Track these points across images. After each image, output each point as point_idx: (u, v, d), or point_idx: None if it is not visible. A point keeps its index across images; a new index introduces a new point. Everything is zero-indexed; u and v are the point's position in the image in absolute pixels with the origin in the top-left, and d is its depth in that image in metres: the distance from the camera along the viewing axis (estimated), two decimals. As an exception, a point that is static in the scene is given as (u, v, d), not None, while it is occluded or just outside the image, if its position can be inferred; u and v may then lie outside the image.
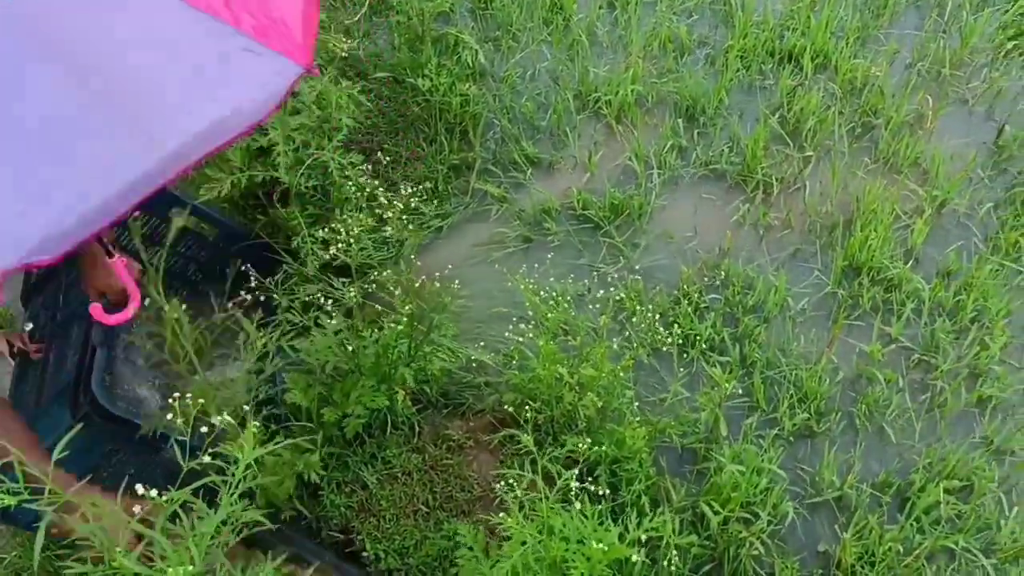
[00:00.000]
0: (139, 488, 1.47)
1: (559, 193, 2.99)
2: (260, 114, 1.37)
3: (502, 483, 1.92)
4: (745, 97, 3.31)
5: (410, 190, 2.24)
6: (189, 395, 1.90)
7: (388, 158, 3.05)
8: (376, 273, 2.55)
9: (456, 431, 2.39)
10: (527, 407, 2.26)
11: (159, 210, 2.55)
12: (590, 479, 2.09)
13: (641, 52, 3.38)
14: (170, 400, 1.90)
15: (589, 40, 3.44)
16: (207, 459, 1.42)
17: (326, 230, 2.49)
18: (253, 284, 2.36)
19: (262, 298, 2.38)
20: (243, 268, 2.37)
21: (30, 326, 2.53)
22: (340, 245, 2.17)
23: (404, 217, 2.19)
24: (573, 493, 1.76)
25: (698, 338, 2.58)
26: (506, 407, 2.33)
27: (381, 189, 2.27)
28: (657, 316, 2.46)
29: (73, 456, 1.99)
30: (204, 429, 1.86)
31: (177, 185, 2.75)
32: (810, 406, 2.47)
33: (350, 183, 2.46)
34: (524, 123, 3.21)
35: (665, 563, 2.00)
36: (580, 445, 1.98)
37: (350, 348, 2.15)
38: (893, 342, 2.63)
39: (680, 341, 2.48)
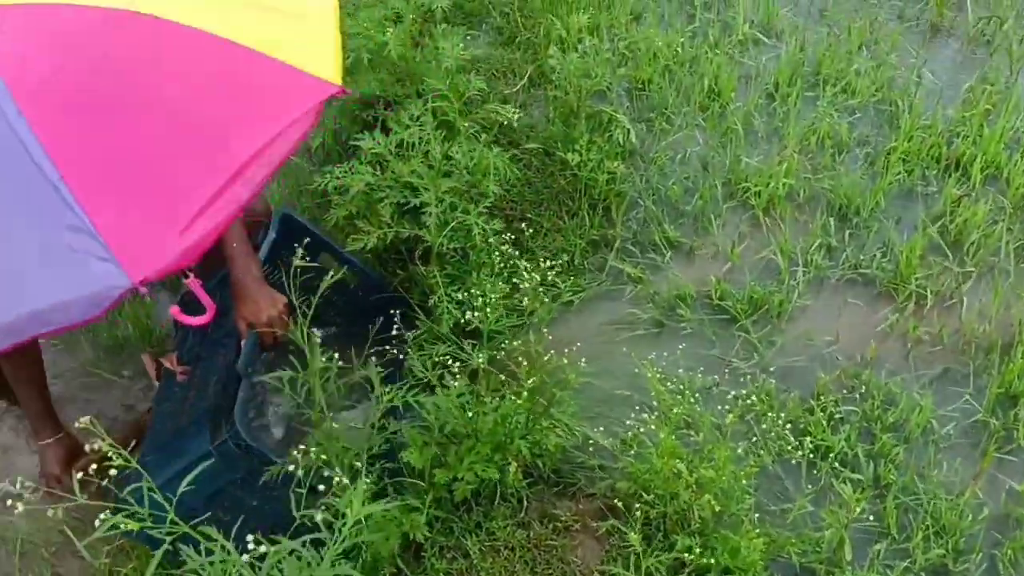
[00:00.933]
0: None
1: (696, 280, 2.93)
2: (75, 320, 1.36)
3: (606, 578, 1.86)
4: (904, 202, 3.17)
5: (548, 263, 2.25)
6: (315, 443, 1.95)
7: (529, 227, 3.09)
8: (505, 340, 2.57)
9: (564, 511, 2.34)
10: (640, 499, 2.20)
11: (311, 254, 2.67)
12: (698, 586, 2.00)
13: (797, 146, 3.31)
14: (297, 445, 1.97)
15: (744, 129, 3.40)
16: (319, 516, 1.43)
17: (464, 292, 2.53)
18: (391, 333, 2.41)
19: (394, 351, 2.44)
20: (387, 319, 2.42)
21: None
22: (476, 310, 2.19)
23: (540, 289, 2.20)
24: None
25: (829, 450, 2.44)
26: (618, 495, 2.27)
27: (524, 261, 2.28)
28: (788, 423, 2.35)
29: (202, 478, 2.07)
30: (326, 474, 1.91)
31: (326, 231, 2.88)
32: (948, 541, 2.28)
33: (493, 250, 2.50)
34: (668, 206, 3.18)
35: None
36: (692, 549, 1.90)
37: (469, 413, 2.15)
38: (1050, 484, 2.41)
39: (811, 454, 2.35)
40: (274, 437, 2.59)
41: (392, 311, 2.79)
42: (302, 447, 1.94)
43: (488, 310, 2.14)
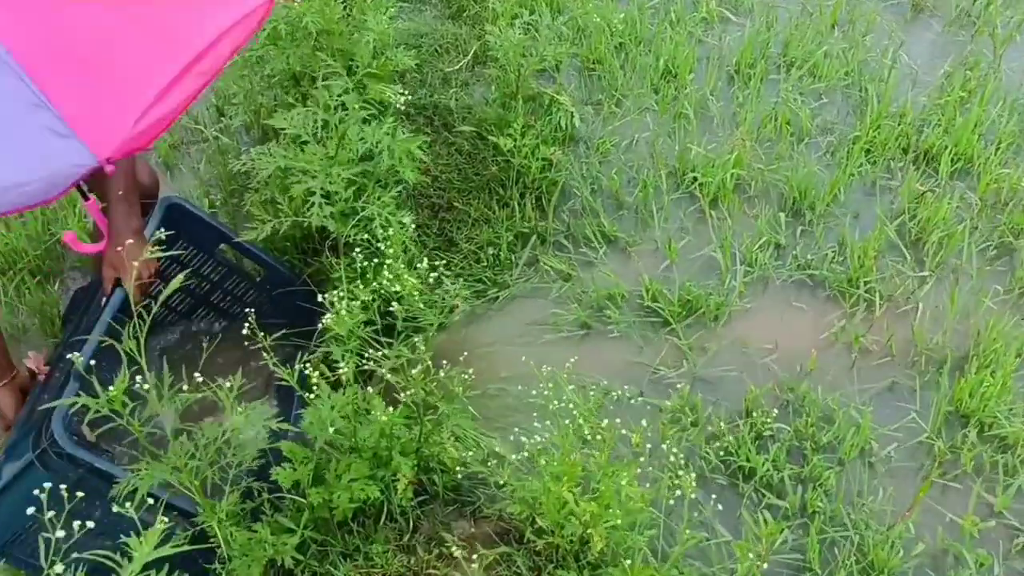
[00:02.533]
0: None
1: (630, 279, 2.70)
2: (35, 199, 1.40)
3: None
4: (864, 196, 2.92)
5: (426, 264, 2.02)
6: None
7: (455, 217, 2.87)
8: (420, 338, 2.36)
9: (457, 533, 2.13)
10: (533, 524, 1.99)
11: (206, 246, 2.46)
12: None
13: (752, 133, 3.06)
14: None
15: (697, 114, 3.15)
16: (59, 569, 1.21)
17: (361, 287, 2.32)
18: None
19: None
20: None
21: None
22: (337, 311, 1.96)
23: (417, 293, 1.98)
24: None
25: (754, 472, 2.22)
26: (512, 519, 2.06)
27: (395, 261, 2.06)
28: (711, 439, 2.13)
29: (26, 498, 1.85)
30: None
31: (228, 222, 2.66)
32: (874, 580, 2.05)
33: (388, 243, 2.28)
34: (608, 197, 2.95)
35: None
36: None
37: (331, 428, 1.93)
38: (995, 516, 2.17)
39: (732, 475, 2.13)
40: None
41: (303, 303, 2.59)
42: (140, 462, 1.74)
43: (345, 311, 1.91)
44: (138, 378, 1.70)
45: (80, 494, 1.86)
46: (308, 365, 1.90)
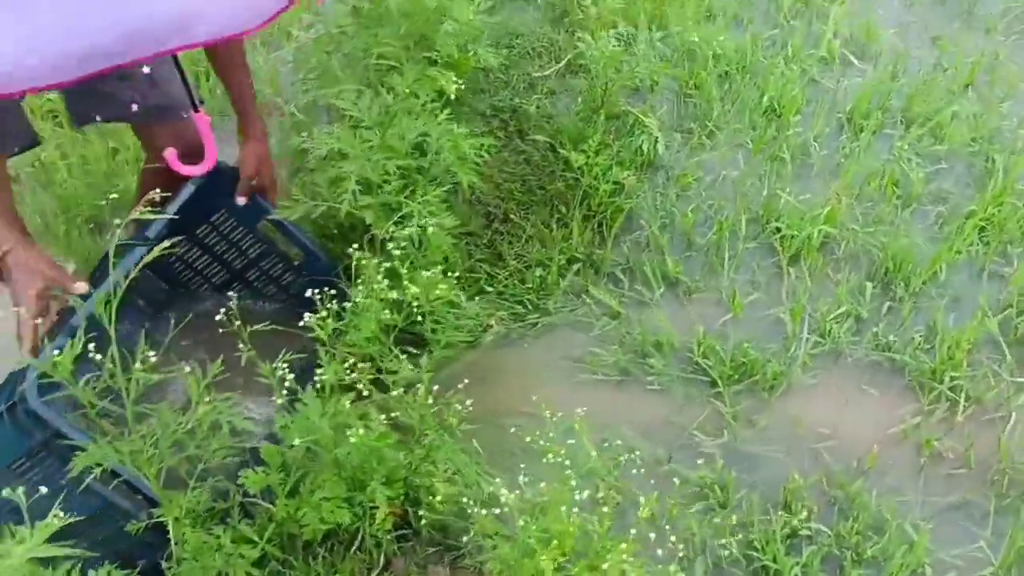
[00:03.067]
0: None
1: (683, 328, 2.43)
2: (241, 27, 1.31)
3: None
4: (968, 280, 2.56)
5: (430, 274, 1.83)
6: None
7: (508, 230, 2.67)
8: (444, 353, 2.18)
9: (430, 580, 1.92)
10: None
11: (247, 220, 2.34)
12: None
13: (852, 189, 2.74)
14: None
15: (795, 159, 2.85)
16: None
17: (381, 288, 2.14)
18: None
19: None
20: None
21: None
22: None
23: (420, 303, 1.79)
24: None
25: (779, 575, 1.92)
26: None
27: (401, 264, 1.87)
28: (736, 528, 1.85)
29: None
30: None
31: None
32: None
33: (397, 243, 2.09)
34: (678, 234, 2.68)
35: None
36: None
37: (303, 437, 1.75)
38: None
39: (752, 574, 1.84)
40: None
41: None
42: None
43: (326, 311, 1.73)
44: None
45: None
46: (286, 367, 1.73)
